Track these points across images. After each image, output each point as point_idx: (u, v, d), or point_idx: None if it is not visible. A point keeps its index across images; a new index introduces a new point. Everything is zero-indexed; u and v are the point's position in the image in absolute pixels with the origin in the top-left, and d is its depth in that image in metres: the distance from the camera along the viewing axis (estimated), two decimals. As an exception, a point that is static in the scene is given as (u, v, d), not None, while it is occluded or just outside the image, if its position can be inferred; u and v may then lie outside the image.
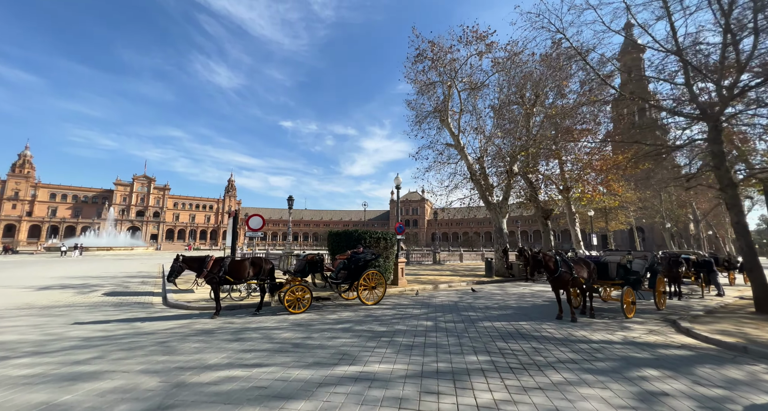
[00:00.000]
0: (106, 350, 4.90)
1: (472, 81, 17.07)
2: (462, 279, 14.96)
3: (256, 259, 7.92)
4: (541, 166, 21.21)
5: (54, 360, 4.47)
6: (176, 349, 4.93)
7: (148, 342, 5.32)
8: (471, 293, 10.79)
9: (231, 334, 5.81)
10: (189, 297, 9.86)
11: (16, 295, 10.58)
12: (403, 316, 7.20)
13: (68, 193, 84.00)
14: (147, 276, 17.21)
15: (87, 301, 9.51)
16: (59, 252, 40.82)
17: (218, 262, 7.47)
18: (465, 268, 22.04)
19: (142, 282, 14.48)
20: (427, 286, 12.42)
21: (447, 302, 9.02)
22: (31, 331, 6.07)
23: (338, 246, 11.73)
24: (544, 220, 20.67)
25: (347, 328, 6.06)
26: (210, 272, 7.30)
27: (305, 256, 8.32)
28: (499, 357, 4.40)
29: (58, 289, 12.01)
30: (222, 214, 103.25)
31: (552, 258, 6.77)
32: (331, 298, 9.49)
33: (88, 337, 5.68)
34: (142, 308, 8.53)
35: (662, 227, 34.30)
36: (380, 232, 11.81)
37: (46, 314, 7.67)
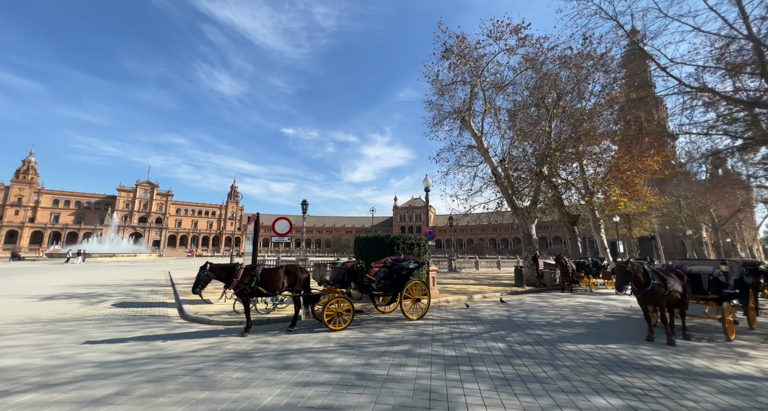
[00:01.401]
0: (129, 382, 3.97)
1: (497, 80, 16.37)
2: (493, 289, 13.95)
3: (290, 268, 7.01)
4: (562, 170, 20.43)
5: (66, 398, 3.55)
6: (215, 380, 4.00)
7: (178, 370, 4.40)
8: (517, 305, 9.81)
9: (273, 358, 4.87)
10: (208, 309, 8.92)
11: (18, 305, 9.66)
12: (461, 334, 6.24)
13: (71, 199, 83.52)
14: (155, 284, 16.27)
15: (96, 314, 8.58)
16: (64, 258, 39.93)
17: (249, 271, 6.56)
18: (486, 277, 21.00)
19: (151, 291, 13.54)
20: (461, 297, 11.44)
21: (498, 317, 8.04)
22: (36, 353, 5.15)
23: (368, 252, 10.80)
24: (571, 226, 19.72)
25: (408, 352, 5.11)
26: (240, 282, 6.40)
27: (344, 264, 7.41)
28: (633, 399, 3.44)
29: (64, 299, 11.09)
30: (224, 220, 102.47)
31: (640, 268, 5.83)
32: (364, 310, 8.55)
33: (104, 361, 4.76)
34: (158, 322, 7.60)
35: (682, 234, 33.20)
36: (413, 237, 10.90)
37: (53, 330, 6.75)
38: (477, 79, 15.24)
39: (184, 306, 9.35)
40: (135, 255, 51.64)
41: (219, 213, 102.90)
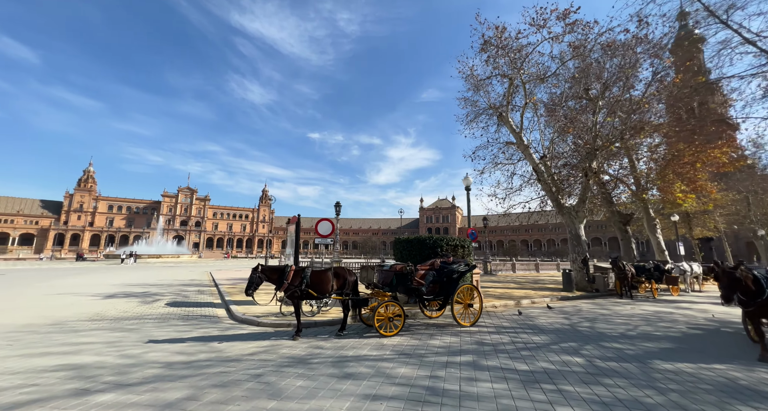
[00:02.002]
0: (197, 385, 3.93)
1: (539, 71, 15.42)
2: (540, 294, 13.03)
3: (339, 270, 6.86)
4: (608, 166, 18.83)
5: (141, 400, 3.55)
6: (280, 388, 3.84)
7: (239, 374, 4.32)
8: (574, 313, 8.99)
9: (332, 365, 4.67)
10: (255, 310, 9.03)
11: (86, 303, 10.42)
12: (526, 345, 5.70)
13: (123, 204, 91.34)
14: (200, 284, 17.04)
15: (153, 313, 8.99)
16: (119, 259, 43.57)
17: (299, 274, 6.48)
18: (526, 280, 19.84)
19: (198, 291, 14.14)
20: (508, 302, 10.74)
21: (559, 326, 7.35)
22: (107, 351, 5.36)
23: (409, 255, 10.46)
24: (623, 226, 18.09)
25: (474, 364, 4.69)
26: (291, 285, 6.32)
27: (392, 267, 7.12)
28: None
29: (123, 297, 11.84)
30: (257, 223, 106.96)
31: (749, 274, 4.95)
32: (408, 315, 8.20)
33: (169, 362, 4.81)
34: (210, 323, 7.76)
35: (752, 234, 29.44)
36: (457, 239, 10.41)
37: (118, 328, 7.09)
38: (517, 72, 14.43)
39: (231, 307, 9.56)
40: (178, 256, 55.22)
41: (252, 216, 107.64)
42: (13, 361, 4.85)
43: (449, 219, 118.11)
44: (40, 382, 4.08)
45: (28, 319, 8.02)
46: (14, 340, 6.05)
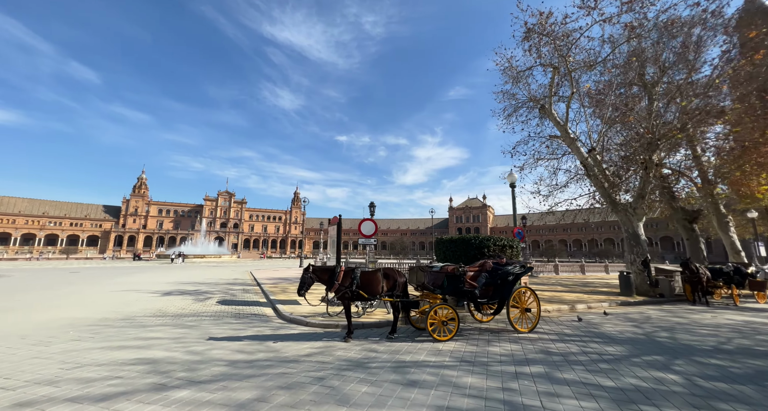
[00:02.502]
0: (263, 386, 3.94)
1: (588, 57, 14.28)
2: (594, 298, 12.00)
3: (388, 271, 6.70)
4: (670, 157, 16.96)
5: (214, 399, 3.60)
6: (346, 394, 3.73)
7: (301, 376, 4.28)
8: (643, 320, 8.11)
9: (392, 371, 4.49)
10: (301, 310, 9.16)
11: (147, 300, 11.24)
12: (601, 356, 5.14)
13: (170, 208, 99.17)
14: (243, 283, 17.83)
15: (208, 310, 9.45)
16: (168, 259, 47.28)
17: (348, 274, 6.41)
18: (573, 283, 18.48)
19: (243, 290, 14.75)
20: (562, 307, 9.96)
21: (632, 335, 6.61)
22: (174, 347, 5.62)
23: (453, 255, 10.10)
24: (689, 225, 16.21)
25: (548, 376, 4.27)
26: (341, 285, 6.27)
27: (442, 268, 6.83)
28: None
29: (178, 295, 12.64)
30: (289, 224, 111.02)
31: None
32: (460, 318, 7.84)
33: (233, 360, 4.92)
34: (261, 322, 7.96)
35: None
36: (505, 239, 9.87)
37: (179, 325, 7.48)
38: (563, 60, 13.45)
39: (277, 306, 9.80)
40: (220, 256, 58.72)
41: (284, 218, 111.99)
42: (97, 353, 5.23)
43: (480, 219, 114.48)
44: (123, 374, 4.33)
45: (103, 313, 8.76)
46: (95, 333, 6.58)
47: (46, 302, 10.60)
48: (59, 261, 47.58)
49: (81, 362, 4.82)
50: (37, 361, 4.89)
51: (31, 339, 6.16)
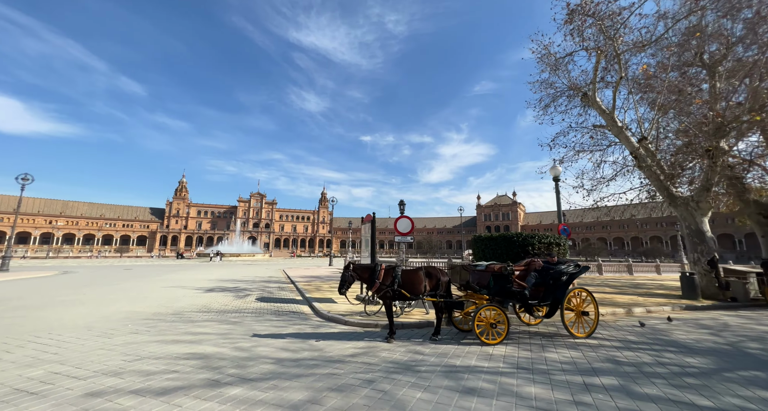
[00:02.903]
0: (313, 387, 3.84)
1: (640, 38, 13.01)
2: (652, 301, 10.88)
3: (431, 270, 6.43)
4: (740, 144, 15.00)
5: (267, 398, 3.55)
6: (400, 400, 3.52)
7: (350, 377, 4.14)
8: (720, 328, 7.17)
9: (444, 376, 4.22)
10: (338, 308, 9.13)
11: (193, 296, 11.83)
12: (683, 369, 4.51)
13: (208, 209, 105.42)
14: (278, 281, 18.34)
15: (249, 307, 9.72)
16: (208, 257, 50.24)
17: (389, 273, 6.21)
18: (622, 284, 17.02)
19: (279, 288, 15.13)
20: (616, 310, 9.10)
21: (712, 345, 5.80)
22: (222, 343, 5.75)
23: (493, 253, 9.60)
24: (764, 220, 14.24)
25: (624, 390, 3.79)
26: (382, 284, 6.08)
27: (488, 267, 6.43)
28: None
29: (220, 292, 13.20)
30: (317, 224, 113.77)
31: None
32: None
33: (279, 358, 4.91)
34: (301, 320, 8.01)
35: None
36: (551, 236, 9.21)
37: (224, 320, 7.72)
38: (610, 42, 12.34)
39: (314, 304, 9.85)
40: (253, 255, 61.44)
41: (312, 218, 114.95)
42: (154, 347, 5.46)
43: (510, 216, 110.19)
44: (178, 368, 4.44)
45: (155, 308, 9.29)
46: (150, 327, 6.94)
47: (107, 296, 11.49)
48: (114, 259, 52.30)
49: (140, 355, 5.04)
50: (103, 352, 5.19)
51: (96, 330, 6.61)
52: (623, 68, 13.39)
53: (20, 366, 4.54)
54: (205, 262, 41.69)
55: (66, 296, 11.50)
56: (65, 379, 4.08)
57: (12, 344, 5.63)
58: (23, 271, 22.79)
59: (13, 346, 5.50)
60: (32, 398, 3.53)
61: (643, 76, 14.04)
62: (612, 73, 14.33)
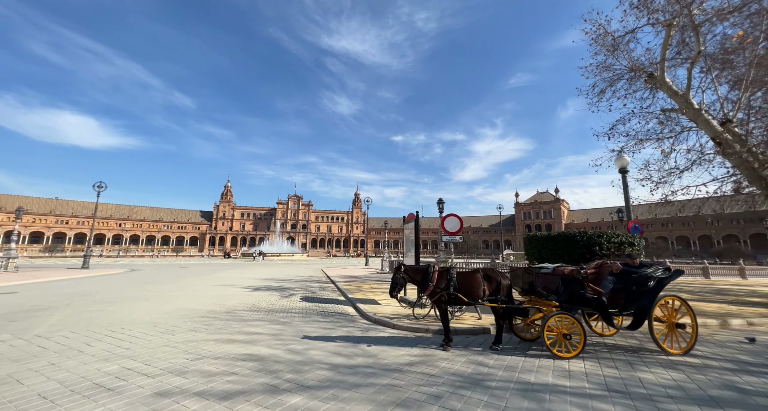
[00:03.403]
0: (374, 399, 3.54)
1: (721, 6, 11.17)
2: (748, 310, 9.18)
3: (489, 272, 5.88)
4: None
5: (329, 409, 3.30)
6: (478, 421, 3.07)
7: (412, 390, 3.78)
8: None
9: (520, 394, 3.70)
10: (383, 310, 8.86)
11: (242, 294, 12.31)
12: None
13: (250, 211, 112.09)
14: (319, 281, 18.64)
15: (295, 307, 9.81)
16: (251, 257, 53.26)
17: (444, 275, 5.77)
18: (701, 290, 14.79)
19: (320, 288, 15.30)
20: (708, 321, 7.75)
21: None
22: (275, 344, 5.71)
23: (551, 255, 8.71)
24: None
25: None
26: (436, 287, 5.66)
27: (555, 269, 5.72)
28: None
29: (266, 291, 13.63)
30: (351, 224, 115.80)
31: None
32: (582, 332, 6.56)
33: (333, 364, 4.70)
34: (348, 322, 7.85)
35: None
36: (622, 234, 8.13)
37: (274, 320, 7.79)
38: (686, 10, 10.71)
39: (358, 305, 9.68)
40: (292, 255, 63.99)
41: (346, 218, 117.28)
42: (212, 345, 5.57)
43: (552, 214, 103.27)
44: (237, 370, 4.41)
45: (209, 306, 9.73)
46: (207, 325, 7.19)
47: (167, 293, 12.37)
48: (171, 258, 57.50)
49: (201, 354, 5.13)
50: (167, 349, 5.38)
51: (160, 327, 6.98)
52: (701, 42, 11.58)
53: (99, 359, 4.82)
54: (249, 262, 44.15)
55: (133, 292, 12.57)
56: (137, 376, 4.21)
57: (92, 337, 6.09)
58: (100, 268, 25.76)
59: (94, 340, 5.93)
60: (109, 395, 3.64)
61: (738, 43, 12.05)
62: (687, 49, 12.48)
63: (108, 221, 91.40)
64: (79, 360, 4.80)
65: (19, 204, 25.21)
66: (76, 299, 10.77)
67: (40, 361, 4.75)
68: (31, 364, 4.62)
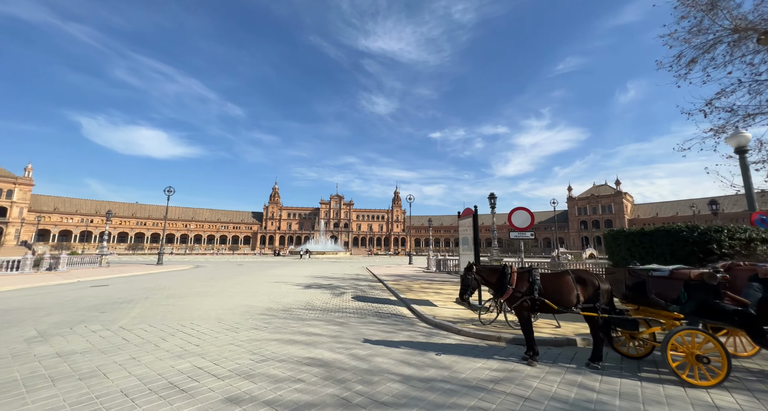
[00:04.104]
0: (468, 427, 2.91)
1: None
2: None
3: (583, 274, 4.91)
4: None
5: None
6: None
7: (512, 419, 3.08)
8: None
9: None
10: (441, 312, 8.19)
11: (295, 292, 12.50)
12: None
13: (295, 212, 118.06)
14: (365, 279, 18.50)
15: (348, 306, 9.59)
16: (298, 255, 55.83)
17: (524, 277, 4.94)
18: None
19: (369, 286, 15.07)
20: None
21: None
22: (337, 348, 5.38)
23: (644, 254, 7.29)
24: None
25: None
26: (516, 291, 4.85)
27: (673, 272, 4.56)
28: None
29: (317, 288, 13.74)
30: (391, 222, 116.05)
31: None
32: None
33: (404, 375, 4.19)
34: (406, 324, 7.33)
35: None
36: (750, 228, 6.46)
37: (330, 320, 7.56)
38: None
39: (413, 307, 9.13)
40: (336, 253, 65.75)
41: (386, 217, 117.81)
42: (275, 346, 5.42)
43: (612, 209, 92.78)
44: (303, 377, 4.11)
45: (267, 303, 9.92)
46: (267, 323, 7.18)
47: (228, 289, 13.05)
48: (228, 256, 62.64)
49: (265, 355, 4.98)
50: (233, 347, 5.34)
51: (225, 323, 7.13)
52: None
53: (172, 356, 4.88)
54: (297, 259, 46.21)
55: (199, 288, 13.47)
56: (207, 376, 4.11)
57: (167, 331, 6.35)
58: (171, 265, 28.80)
59: (168, 334, 6.17)
60: (182, 397, 3.53)
61: None
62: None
63: (176, 222, 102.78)
64: (156, 355, 4.91)
65: (109, 208, 29.95)
66: (153, 293, 11.78)
67: (123, 354, 4.95)
68: (116, 357, 4.82)
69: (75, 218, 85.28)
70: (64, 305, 9.14)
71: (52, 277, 17.01)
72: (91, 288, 13.18)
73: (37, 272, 19.15)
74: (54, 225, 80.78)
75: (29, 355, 4.88)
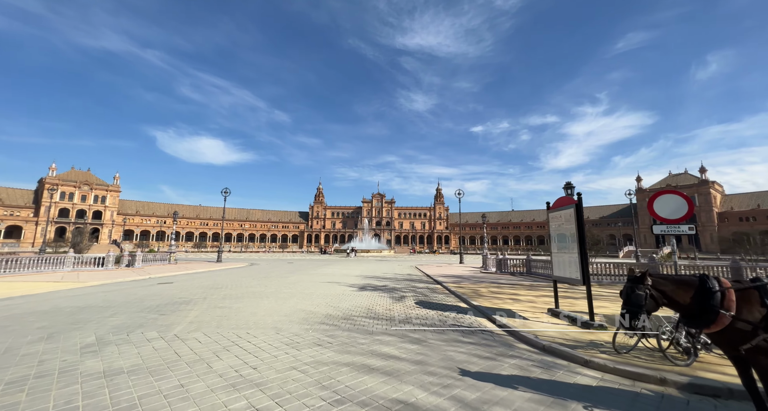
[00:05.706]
0: None
1: None
2: None
3: None
4: None
5: None
6: None
7: None
8: None
9: None
10: (545, 330, 6.33)
11: (351, 294, 11.44)
12: None
13: (339, 211, 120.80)
14: (420, 280, 17.01)
15: (415, 314, 8.19)
16: (344, 253, 56.34)
17: (752, 298, 2.97)
18: None
19: (428, 288, 13.54)
20: None
21: None
22: (429, 383, 3.95)
23: None
24: None
25: None
26: (742, 321, 2.90)
27: None
28: None
29: (372, 290, 12.57)
30: (433, 220, 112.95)
31: None
32: None
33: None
34: (502, 345, 5.66)
35: None
36: None
37: (403, 336, 6.18)
38: None
39: (496, 318, 7.39)
40: (381, 251, 65.28)
41: (429, 214, 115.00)
42: (348, 377, 4.16)
43: (696, 201, 78.88)
44: (403, 444, 2.73)
45: (324, 307, 8.93)
46: (330, 336, 6.05)
47: (282, 289, 12.49)
48: (278, 253, 65.69)
49: (338, 390, 3.74)
50: (297, 375, 4.19)
51: (283, 334, 6.16)
52: None
53: (226, 386, 3.86)
54: (343, 258, 46.37)
55: (255, 287, 13.14)
56: (268, 429, 2.94)
57: (221, 344, 5.51)
58: (229, 262, 30.29)
59: (222, 348, 5.30)
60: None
61: None
62: None
63: (232, 222, 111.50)
64: (207, 382, 3.94)
65: (175, 210, 33.77)
66: (211, 292, 11.59)
67: (171, 378, 4.07)
68: (162, 382, 3.94)
69: (152, 220, 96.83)
70: (130, 304, 9.09)
71: (129, 273, 18.34)
72: (158, 285, 13.59)
73: (118, 268, 20.98)
74: (136, 226, 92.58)
75: (75, 372, 4.23)
